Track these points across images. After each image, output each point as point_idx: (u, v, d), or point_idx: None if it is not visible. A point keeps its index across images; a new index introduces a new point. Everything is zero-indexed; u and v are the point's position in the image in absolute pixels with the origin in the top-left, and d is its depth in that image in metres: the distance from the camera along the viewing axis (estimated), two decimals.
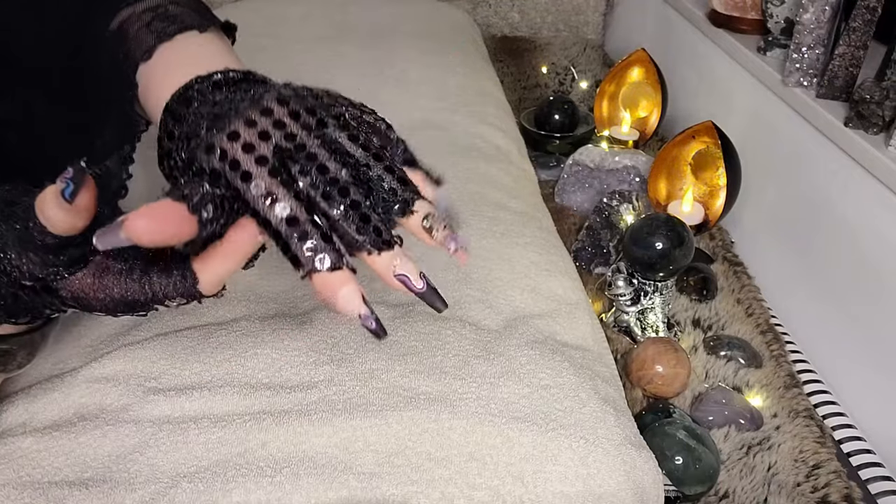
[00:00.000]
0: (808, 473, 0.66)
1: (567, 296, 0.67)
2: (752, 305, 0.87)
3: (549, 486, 0.48)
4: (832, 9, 0.85)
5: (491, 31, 1.66)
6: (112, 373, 0.51)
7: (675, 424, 0.65)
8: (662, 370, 0.72)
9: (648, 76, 1.18)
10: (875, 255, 0.78)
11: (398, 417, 0.49)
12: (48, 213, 0.34)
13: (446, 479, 0.47)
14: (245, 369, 0.52)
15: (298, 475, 0.45)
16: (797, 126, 0.91)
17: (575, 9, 1.65)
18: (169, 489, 0.44)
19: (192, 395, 0.50)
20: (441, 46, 1.16)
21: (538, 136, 1.17)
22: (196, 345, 0.54)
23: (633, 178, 1.02)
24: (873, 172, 0.76)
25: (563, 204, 1.06)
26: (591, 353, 0.62)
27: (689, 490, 0.63)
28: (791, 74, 0.90)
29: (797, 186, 0.92)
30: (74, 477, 0.45)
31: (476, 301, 0.62)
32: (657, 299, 0.82)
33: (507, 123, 1.01)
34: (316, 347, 0.55)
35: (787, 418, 0.71)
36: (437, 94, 1.01)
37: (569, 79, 1.45)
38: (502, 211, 0.76)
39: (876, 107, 0.76)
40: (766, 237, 1.00)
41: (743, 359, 0.78)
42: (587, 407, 0.53)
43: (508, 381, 0.53)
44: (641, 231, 0.78)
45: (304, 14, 1.25)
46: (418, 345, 0.55)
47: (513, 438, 0.49)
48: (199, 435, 0.47)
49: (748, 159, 0.99)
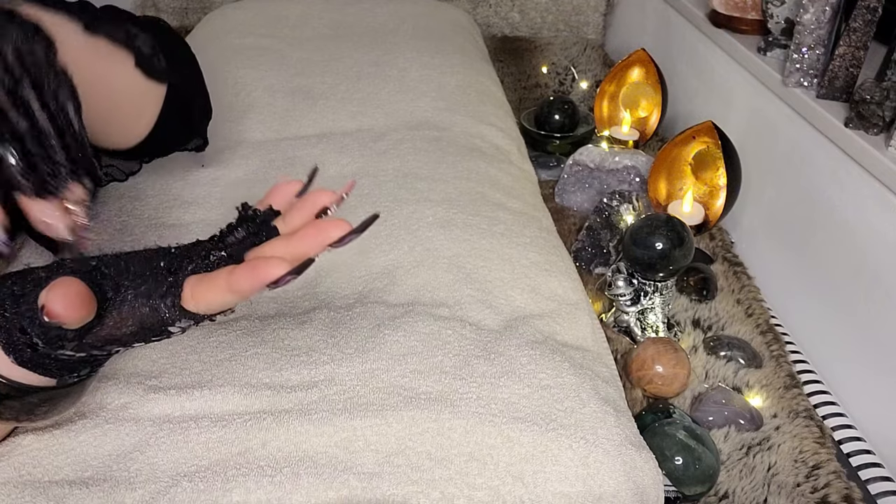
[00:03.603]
0: (807, 474, 0.66)
1: (567, 296, 0.67)
2: (751, 306, 0.87)
3: (549, 486, 0.48)
4: (832, 9, 0.85)
5: (491, 31, 1.66)
6: (112, 371, 0.51)
7: (674, 425, 0.65)
8: (662, 370, 0.72)
9: (648, 76, 1.18)
10: (875, 256, 0.78)
11: (398, 417, 0.49)
12: (56, 314, 0.35)
13: (446, 479, 0.47)
14: (245, 369, 0.52)
15: (298, 475, 0.45)
16: (797, 126, 0.91)
17: (575, 9, 1.65)
18: (169, 488, 0.44)
19: (193, 395, 0.50)
20: (441, 46, 1.16)
21: (538, 136, 1.17)
22: (196, 344, 0.54)
23: (633, 178, 1.02)
24: (873, 173, 0.77)
25: (563, 204, 1.06)
26: (591, 354, 0.62)
27: (688, 490, 0.63)
28: (791, 75, 0.90)
29: (797, 187, 0.92)
30: (74, 476, 0.45)
31: (476, 301, 0.62)
32: (657, 299, 0.82)
33: (507, 123, 1.01)
34: (316, 347, 0.55)
35: (787, 419, 0.71)
36: (437, 94, 1.01)
37: (569, 79, 1.45)
38: (502, 211, 0.76)
39: (876, 107, 0.76)
40: (765, 237, 1.00)
41: (743, 359, 0.78)
42: (587, 407, 0.53)
43: (508, 381, 0.53)
44: (641, 231, 0.78)
45: (303, 14, 1.26)
46: (418, 345, 0.55)
47: (513, 438, 0.49)
48: (200, 434, 0.47)
49: (748, 160, 0.99)
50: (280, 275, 0.35)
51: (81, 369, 0.41)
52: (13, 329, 0.37)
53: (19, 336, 0.37)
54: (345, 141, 0.88)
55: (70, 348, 0.38)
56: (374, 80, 1.04)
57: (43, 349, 0.37)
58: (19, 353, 0.37)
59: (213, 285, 0.37)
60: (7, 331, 0.37)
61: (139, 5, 1.68)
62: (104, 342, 0.38)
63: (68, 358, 0.38)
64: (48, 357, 0.38)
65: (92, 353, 0.39)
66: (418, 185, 0.78)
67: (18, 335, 0.37)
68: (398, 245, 0.68)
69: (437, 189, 0.77)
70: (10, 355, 0.37)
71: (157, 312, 0.38)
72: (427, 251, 0.67)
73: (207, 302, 0.38)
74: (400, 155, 0.84)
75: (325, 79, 1.04)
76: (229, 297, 0.37)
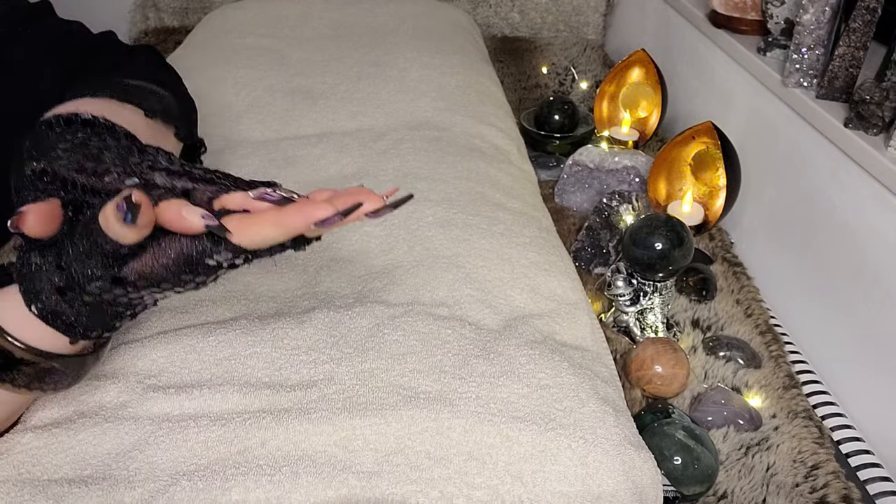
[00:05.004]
0: (806, 474, 0.66)
1: (566, 296, 0.67)
2: (751, 306, 0.87)
3: (547, 485, 0.48)
4: (832, 9, 0.85)
5: (491, 32, 1.66)
6: (111, 370, 0.52)
7: (674, 425, 0.65)
8: (661, 370, 0.72)
9: (648, 77, 1.18)
10: (874, 256, 0.78)
11: (397, 416, 0.49)
12: (114, 232, 0.36)
13: (445, 479, 0.47)
14: (245, 368, 0.52)
15: (298, 474, 0.45)
16: (797, 127, 0.91)
17: (575, 9, 1.65)
18: (168, 487, 0.44)
19: (192, 394, 0.50)
20: (441, 46, 1.16)
21: (538, 136, 1.17)
22: (196, 343, 0.54)
23: (633, 178, 1.02)
24: (873, 173, 0.77)
25: (563, 204, 1.07)
26: (591, 353, 0.62)
27: (687, 490, 0.63)
28: (791, 75, 0.90)
29: (797, 187, 0.92)
30: (73, 474, 0.45)
31: (476, 301, 0.62)
32: (656, 300, 0.82)
33: (507, 123, 1.01)
34: (315, 346, 0.55)
35: (786, 419, 0.71)
36: (437, 94, 1.01)
37: (569, 79, 1.45)
38: (502, 211, 0.76)
39: (876, 108, 0.76)
40: (765, 238, 1.00)
41: (742, 359, 0.78)
42: (586, 407, 0.53)
43: (508, 380, 0.53)
44: (641, 231, 0.78)
45: (303, 14, 1.26)
46: (418, 344, 0.55)
47: (512, 438, 0.49)
48: (199, 433, 0.47)
49: (748, 160, 0.99)
50: (327, 215, 0.37)
51: (99, 324, 0.41)
52: (41, 275, 0.38)
53: (47, 280, 0.38)
54: (345, 141, 0.88)
55: (101, 283, 0.38)
56: (374, 80, 1.04)
57: (70, 292, 0.38)
58: (44, 301, 0.39)
59: (260, 218, 0.38)
60: (32, 278, 0.38)
61: (139, 5, 1.68)
62: (138, 277, 0.39)
63: (93, 301, 0.39)
64: (72, 304, 0.39)
65: (118, 297, 0.39)
66: (418, 184, 0.78)
67: (46, 278, 0.38)
68: (398, 245, 0.68)
69: (437, 189, 0.77)
70: (32, 304, 0.39)
71: (197, 242, 0.38)
72: (427, 251, 0.67)
73: (251, 235, 0.38)
74: (400, 155, 0.84)
75: (325, 79, 1.04)
76: (274, 230, 0.38)
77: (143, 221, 0.37)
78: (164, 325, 0.56)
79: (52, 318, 0.39)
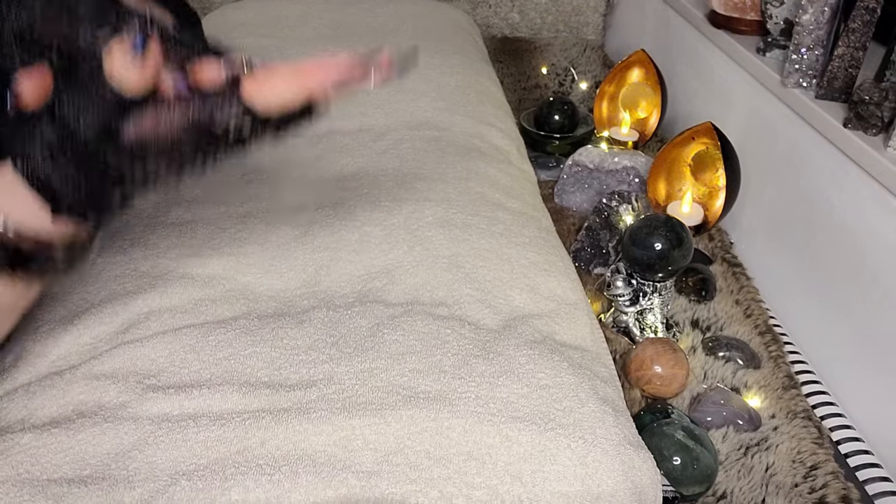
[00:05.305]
0: (805, 474, 0.66)
1: (566, 296, 0.67)
2: (750, 306, 0.87)
3: (547, 485, 0.48)
4: (831, 10, 0.85)
5: (491, 32, 1.66)
6: (111, 370, 0.52)
7: (673, 425, 0.65)
8: (661, 371, 0.72)
9: (648, 77, 1.18)
10: (873, 256, 0.78)
11: (397, 416, 0.49)
12: (119, 71, 0.34)
13: (445, 478, 0.47)
14: (244, 368, 0.52)
15: (297, 473, 0.45)
16: (796, 127, 0.91)
17: (575, 9, 1.65)
18: (168, 487, 0.44)
19: (192, 393, 0.50)
20: (441, 47, 1.16)
21: (538, 136, 1.17)
22: (195, 343, 0.54)
23: (633, 178, 1.02)
24: (872, 173, 0.77)
25: (563, 204, 1.07)
26: (590, 354, 0.62)
27: (687, 490, 0.63)
28: (790, 75, 0.90)
29: (796, 187, 0.92)
30: (73, 474, 0.45)
31: (475, 301, 0.62)
32: (656, 300, 0.82)
33: (507, 124, 1.01)
34: (315, 346, 0.55)
35: (786, 419, 0.71)
36: (437, 94, 1.01)
37: (569, 79, 1.46)
38: (501, 211, 0.76)
39: (875, 108, 0.76)
40: (765, 238, 1.00)
41: (741, 359, 0.78)
42: (586, 407, 0.53)
43: (507, 380, 0.53)
44: (640, 232, 0.78)
45: (303, 14, 1.26)
46: (417, 344, 0.55)
47: (511, 438, 0.49)
48: (198, 433, 0.47)
49: (747, 160, 0.99)
50: (346, 75, 0.38)
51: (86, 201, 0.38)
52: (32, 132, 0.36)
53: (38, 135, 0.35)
54: (345, 141, 0.88)
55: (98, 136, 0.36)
56: None
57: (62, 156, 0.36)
58: (33, 161, 0.36)
59: (278, 72, 0.38)
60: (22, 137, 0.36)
61: None
62: (137, 144, 0.37)
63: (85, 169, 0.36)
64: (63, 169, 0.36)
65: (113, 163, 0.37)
66: (418, 184, 0.78)
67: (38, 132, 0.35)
68: (397, 244, 0.68)
69: (437, 189, 0.77)
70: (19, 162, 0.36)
71: (204, 104, 0.37)
72: (426, 251, 0.67)
73: (264, 93, 0.38)
74: (399, 155, 0.84)
75: None
76: (289, 87, 0.38)
77: (151, 60, 0.35)
78: (163, 326, 0.56)
79: (38, 183, 0.36)
